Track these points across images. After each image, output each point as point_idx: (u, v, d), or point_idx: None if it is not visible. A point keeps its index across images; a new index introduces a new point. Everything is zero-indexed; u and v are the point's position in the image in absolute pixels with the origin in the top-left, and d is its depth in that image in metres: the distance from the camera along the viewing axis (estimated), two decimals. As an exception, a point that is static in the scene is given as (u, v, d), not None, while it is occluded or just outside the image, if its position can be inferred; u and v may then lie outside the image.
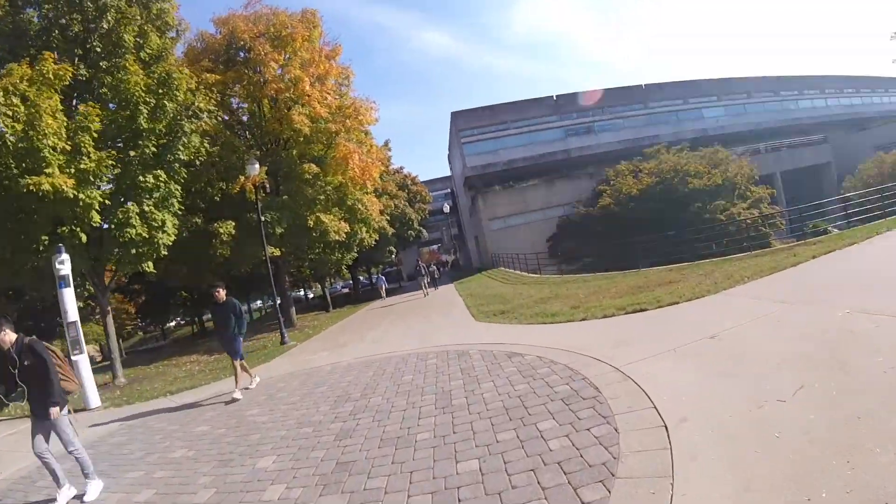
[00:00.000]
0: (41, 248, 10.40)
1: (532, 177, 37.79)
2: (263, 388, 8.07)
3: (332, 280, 58.44)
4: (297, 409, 6.16)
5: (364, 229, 20.86)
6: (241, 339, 7.64)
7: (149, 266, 12.37)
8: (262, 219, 14.90)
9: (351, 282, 39.46)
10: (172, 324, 53.96)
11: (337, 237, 17.48)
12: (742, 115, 44.74)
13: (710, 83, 44.43)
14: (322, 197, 17.32)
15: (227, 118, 18.31)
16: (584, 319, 8.09)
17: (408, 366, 7.22)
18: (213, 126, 15.62)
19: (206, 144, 13.55)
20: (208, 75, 15.62)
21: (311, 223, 16.63)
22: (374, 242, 24.15)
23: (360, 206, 18.96)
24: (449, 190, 59.99)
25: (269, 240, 16.28)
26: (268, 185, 15.00)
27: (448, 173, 59.13)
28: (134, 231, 11.23)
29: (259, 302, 55.87)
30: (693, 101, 43.43)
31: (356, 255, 24.58)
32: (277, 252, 16.73)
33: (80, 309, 12.71)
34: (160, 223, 11.80)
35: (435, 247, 74.65)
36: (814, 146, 42.90)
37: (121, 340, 47.29)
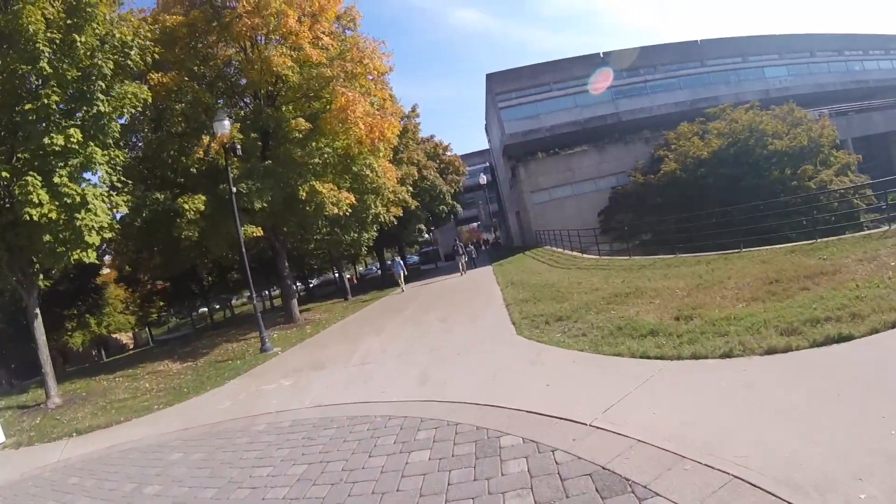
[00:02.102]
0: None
1: (579, 143, 33.06)
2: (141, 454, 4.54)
3: (365, 262, 55.69)
4: None
5: (378, 201, 17.18)
6: None
7: (88, 256, 9.30)
8: (234, 189, 11.48)
9: (379, 264, 36.21)
10: (205, 309, 52.06)
11: (338, 210, 13.81)
12: (806, 75, 39.05)
13: (770, 39, 38.73)
14: (317, 160, 13.59)
15: (206, 73, 14.72)
16: (726, 356, 4.08)
17: (367, 469, 3.42)
18: (171, 77, 12.27)
19: (146, 91, 10.14)
20: (166, 17, 12.53)
21: (302, 194, 13.04)
22: (394, 219, 20.48)
23: (367, 171, 15.15)
24: (487, 164, 55.03)
25: (252, 216, 12.98)
26: (238, 147, 11.41)
27: (485, 146, 54.31)
28: (38, 212, 8.17)
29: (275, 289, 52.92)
30: (753, 60, 37.87)
31: (376, 233, 21.11)
32: (259, 231, 13.18)
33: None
34: (78, 200, 8.65)
35: (475, 224, 70.21)
36: (885, 111, 35.90)
37: (149, 329, 46.14)
